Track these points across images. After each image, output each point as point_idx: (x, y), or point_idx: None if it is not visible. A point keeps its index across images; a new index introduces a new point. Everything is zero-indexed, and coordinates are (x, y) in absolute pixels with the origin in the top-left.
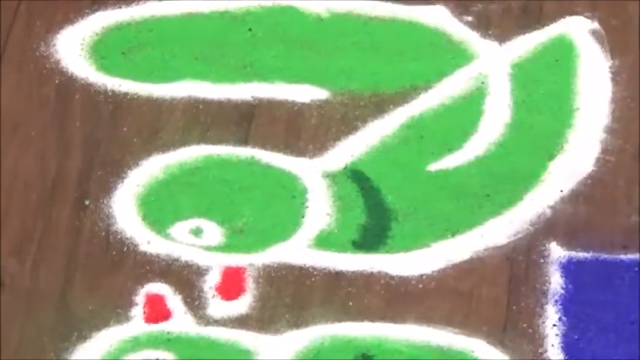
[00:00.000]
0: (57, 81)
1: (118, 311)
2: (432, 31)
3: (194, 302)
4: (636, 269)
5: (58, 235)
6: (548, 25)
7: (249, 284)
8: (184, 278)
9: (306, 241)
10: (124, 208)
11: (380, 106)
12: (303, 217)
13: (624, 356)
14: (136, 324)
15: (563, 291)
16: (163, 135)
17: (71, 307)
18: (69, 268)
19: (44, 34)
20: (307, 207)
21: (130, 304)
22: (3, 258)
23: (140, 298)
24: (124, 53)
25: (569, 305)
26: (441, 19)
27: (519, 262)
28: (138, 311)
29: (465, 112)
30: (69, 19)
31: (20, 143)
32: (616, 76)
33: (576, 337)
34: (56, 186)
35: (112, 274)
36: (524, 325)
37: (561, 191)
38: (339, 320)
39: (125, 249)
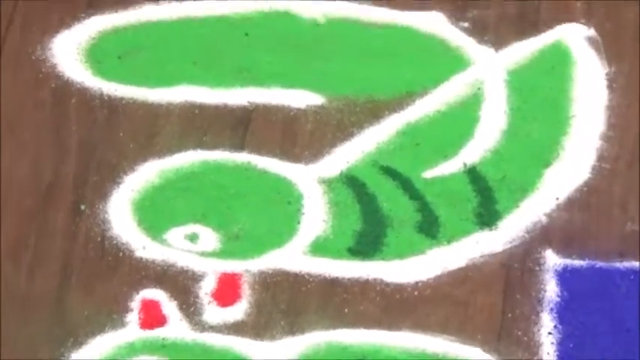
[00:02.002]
0: (53, 85)
1: (114, 317)
2: (428, 37)
3: (189, 308)
4: (632, 277)
5: (54, 239)
6: (544, 31)
7: (245, 290)
8: (180, 284)
9: (301, 247)
10: (120, 213)
11: (376, 112)
12: (298, 223)
13: None
14: (132, 330)
15: (558, 299)
16: (159, 140)
17: (67, 313)
18: (64, 274)
19: (40, 38)
20: (303, 213)
21: (126, 309)
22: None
23: (135, 304)
24: (120, 57)
25: (565, 313)
26: (437, 25)
27: (515, 269)
28: (133, 317)
29: (461, 119)
30: (65, 22)
31: (16, 147)
32: (612, 83)
33: (572, 345)
34: (52, 190)
35: (107, 280)
36: (520, 333)
37: (557, 199)
38: (335, 327)
39: (121, 254)
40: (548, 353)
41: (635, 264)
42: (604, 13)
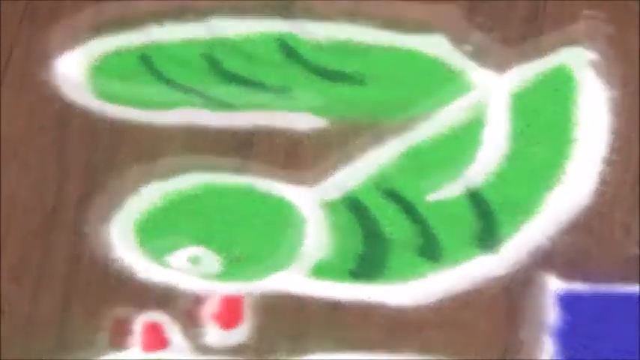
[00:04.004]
0: (56, 107)
1: (116, 339)
2: (431, 61)
3: (191, 331)
4: (635, 301)
5: (57, 262)
6: (547, 54)
7: (247, 313)
8: (182, 306)
9: (304, 270)
10: (122, 236)
11: (379, 135)
12: (301, 246)
13: None
14: (133, 352)
15: (561, 323)
16: (162, 162)
17: (69, 335)
18: (67, 296)
19: (44, 60)
20: (305, 236)
21: (127, 332)
22: (2, 285)
23: (137, 327)
24: (123, 79)
25: (567, 338)
26: (440, 48)
27: (516, 293)
28: (135, 340)
29: (463, 142)
30: (69, 44)
31: (19, 169)
32: (615, 107)
33: None
34: (55, 212)
35: (109, 303)
36: (522, 358)
37: (559, 222)
38: (337, 350)
39: (123, 277)
40: None
41: (637, 288)
42: (607, 36)
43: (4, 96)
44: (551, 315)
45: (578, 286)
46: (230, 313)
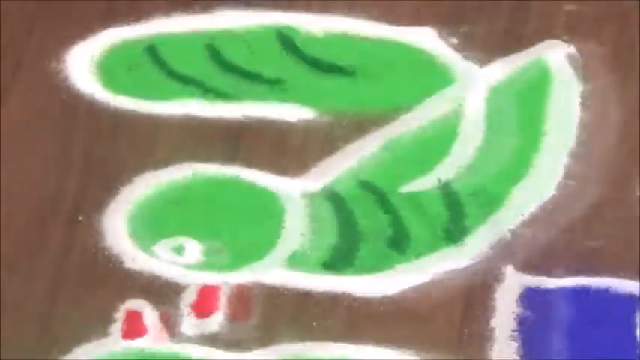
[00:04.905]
0: (64, 97)
1: (99, 327)
2: (417, 53)
3: (169, 319)
4: (592, 295)
5: (50, 249)
6: (528, 47)
7: (223, 303)
8: (163, 295)
9: (279, 261)
10: (114, 225)
11: (362, 126)
12: (278, 237)
13: None
14: (114, 340)
15: (516, 314)
16: (157, 152)
17: (55, 321)
18: (57, 283)
19: (56, 51)
20: (283, 227)
21: (110, 320)
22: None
23: (120, 314)
24: (129, 70)
25: (527, 330)
26: (427, 41)
27: (476, 286)
28: (116, 327)
29: (440, 135)
30: (79, 36)
31: (24, 157)
32: (586, 100)
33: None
34: (54, 200)
35: (96, 291)
36: (475, 350)
37: (522, 215)
38: (303, 340)
39: (111, 265)
40: None
41: (592, 281)
42: (585, 30)
43: (17, 85)
44: (508, 306)
45: (536, 278)
46: (206, 302)
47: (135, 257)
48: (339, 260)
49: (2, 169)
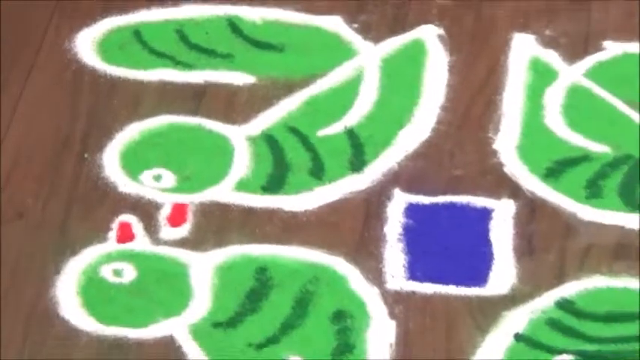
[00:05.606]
0: (73, 68)
1: (100, 234)
2: (329, 34)
3: (151, 228)
4: (456, 208)
5: (64, 179)
6: (409, 30)
7: (190, 216)
8: (146, 211)
9: (230, 185)
10: (110, 161)
11: (291, 88)
12: (230, 168)
13: (450, 277)
14: (110, 244)
15: (403, 223)
16: (141, 108)
17: (68, 232)
18: (69, 204)
19: (68, 34)
20: (233, 161)
21: (108, 229)
22: (23, 195)
23: (115, 225)
24: (120, 48)
25: (410, 236)
26: (336, 25)
27: (373, 202)
28: (112, 234)
29: (346, 93)
30: (86, 23)
31: (43, 110)
32: (452, 68)
33: (410, 258)
34: (65, 142)
35: (98, 208)
36: (372, 248)
37: (406, 151)
38: (249, 242)
39: (108, 189)
40: (391, 264)
41: (457, 199)
42: (451, 18)
43: (40, 60)
44: (397, 218)
45: (417, 198)
46: (178, 216)
47: (126, 184)
48: (273, 185)
49: (30, 120)
